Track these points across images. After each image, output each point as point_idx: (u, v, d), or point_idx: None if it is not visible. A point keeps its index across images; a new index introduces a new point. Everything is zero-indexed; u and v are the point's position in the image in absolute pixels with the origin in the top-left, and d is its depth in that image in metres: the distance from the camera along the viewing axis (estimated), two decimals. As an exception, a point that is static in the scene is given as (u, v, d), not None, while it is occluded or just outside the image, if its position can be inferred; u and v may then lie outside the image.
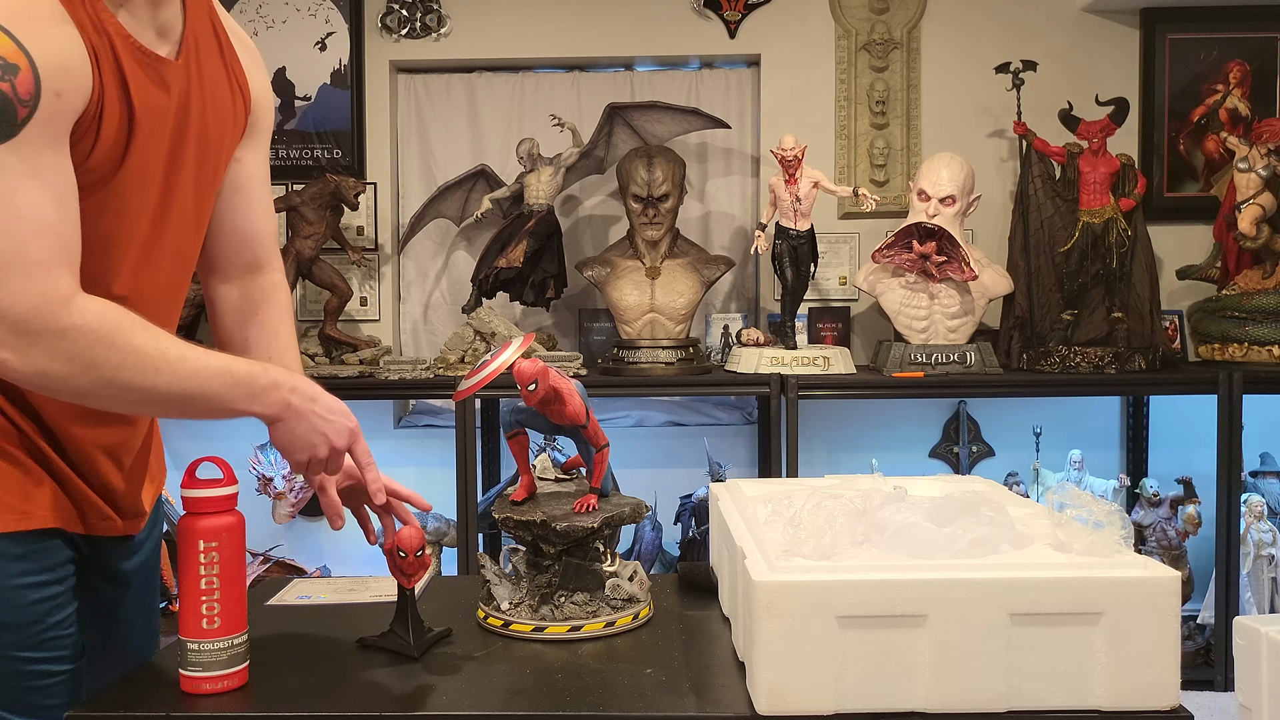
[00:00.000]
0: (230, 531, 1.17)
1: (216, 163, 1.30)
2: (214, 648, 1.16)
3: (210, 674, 1.16)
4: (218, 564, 1.16)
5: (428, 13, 3.49)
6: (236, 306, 1.41)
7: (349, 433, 1.24)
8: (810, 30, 3.48)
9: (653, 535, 3.23)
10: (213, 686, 1.16)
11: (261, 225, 1.41)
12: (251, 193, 1.39)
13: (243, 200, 1.38)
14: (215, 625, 1.16)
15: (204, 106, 1.23)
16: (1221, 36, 3.41)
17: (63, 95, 1.03)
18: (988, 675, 1.09)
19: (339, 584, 1.63)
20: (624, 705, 1.13)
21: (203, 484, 1.17)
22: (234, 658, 1.18)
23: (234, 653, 1.17)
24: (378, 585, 1.58)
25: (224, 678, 1.17)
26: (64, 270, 1.04)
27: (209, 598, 1.15)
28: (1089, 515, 1.21)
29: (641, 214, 3.19)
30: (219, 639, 1.16)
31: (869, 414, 3.49)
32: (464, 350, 3.15)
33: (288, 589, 1.59)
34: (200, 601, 1.15)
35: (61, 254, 1.04)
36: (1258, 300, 3.10)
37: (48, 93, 1.02)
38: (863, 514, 1.24)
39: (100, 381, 1.06)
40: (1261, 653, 1.61)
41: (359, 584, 1.61)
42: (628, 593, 1.38)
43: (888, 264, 3.11)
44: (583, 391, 1.39)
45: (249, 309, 1.41)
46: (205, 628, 1.15)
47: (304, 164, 3.51)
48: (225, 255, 1.40)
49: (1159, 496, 3.15)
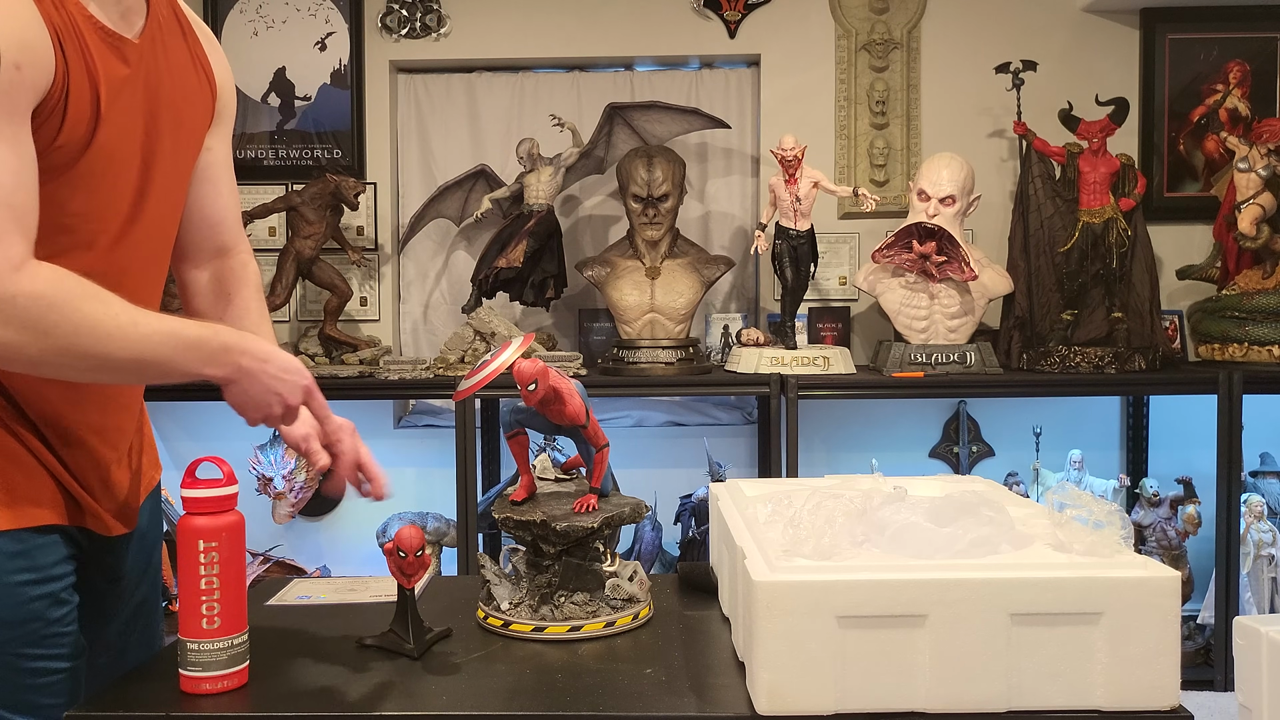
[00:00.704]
0: (230, 531, 1.17)
1: (190, 145, 1.33)
2: (214, 648, 1.16)
3: (210, 674, 1.16)
4: (218, 564, 1.16)
5: (428, 13, 3.49)
6: (209, 289, 1.46)
7: (302, 390, 1.24)
8: (810, 30, 3.48)
9: (653, 535, 3.23)
10: (212, 686, 1.16)
11: (228, 211, 1.46)
12: (219, 180, 1.43)
13: (210, 188, 1.42)
14: (215, 625, 1.16)
15: (173, 88, 1.26)
16: (1221, 36, 3.41)
17: (22, 69, 1.04)
18: (988, 675, 1.09)
19: (339, 584, 1.63)
20: (624, 705, 1.13)
21: (203, 484, 1.17)
22: (234, 658, 1.17)
23: (234, 653, 1.17)
24: (378, 585, 1.58)
25: (224, 678, 1.17)
26: (17, 238, 1.05)
27: (209, 598, 1.15)
28: (1089, 515, 1.21)
29: (641, 214, 3.19)
30: (219, 639, 1.16)
31: (869, 414, 3.49)
32: (464, 350, 3.15)
33: (288, 589, 1.59)
34: (200, 601, 1.15)
35: (14, 222, 1.05)
36: (1258, 300, 3.10)
37: (7, 65, 1.03)
38: (863, 514, 1.24)
39: (53, 350, 1.07)
40: (1261, 653, 1.61)
41: (359, 584, 1.61)
42: (628, 593, 1.38)
43: (888, 264, 3.11)
44: (583, 391, 1.39)
45: (221, 291, 1.45)
46: (205, 628, 1.15)
47: (304, 164, 3.51)
48: (195, 241, 1.44)
49: (1159, 496, 3.15)
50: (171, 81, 1.26)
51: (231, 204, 1.46)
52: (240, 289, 1.46)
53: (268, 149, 3.52)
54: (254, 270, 1.49)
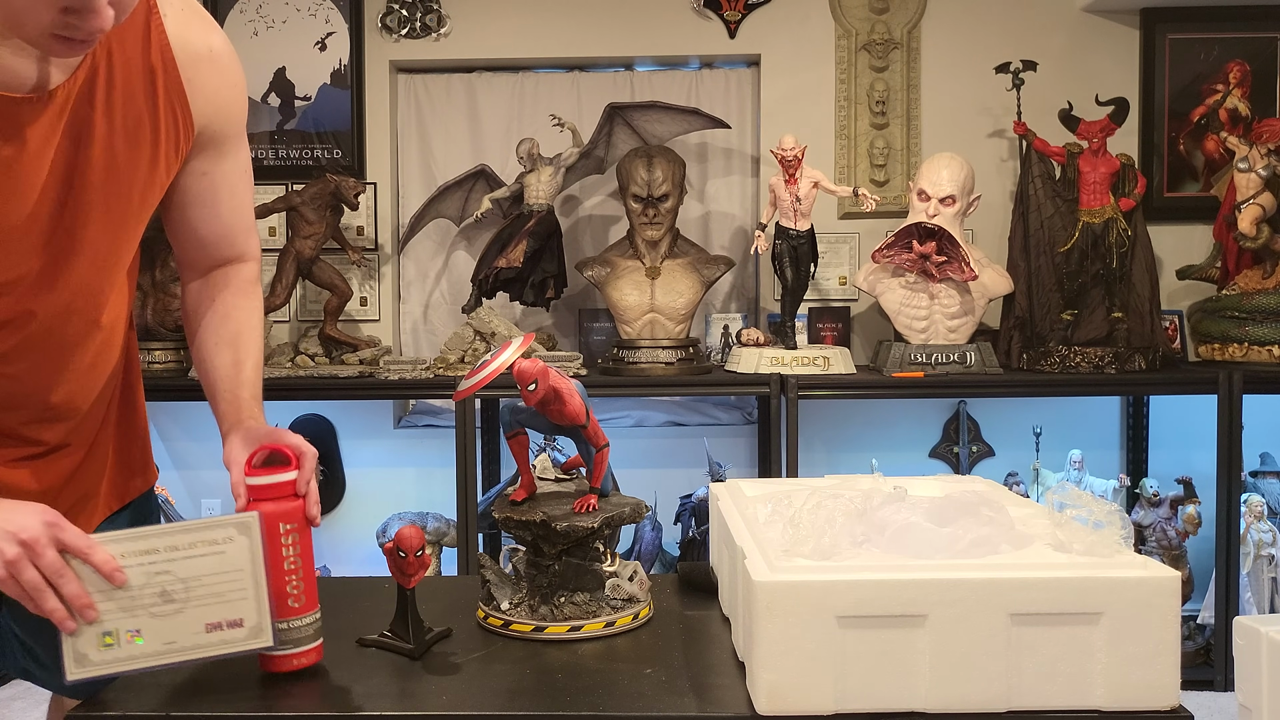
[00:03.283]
0: (302, 513, 1.21)
1: (149, 186, 1.25)
2: (301, 624, 1.20)
3: (299, 649, 1.20)
4: (297, 544, 1.19)
5: (428, 13, 3.49)
6: (196, 293, 1.43)
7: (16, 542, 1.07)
8: (810, 30, 3.48)
9: (653, 535, 3.23)
10: (300, 662, 1.20)
11: (229, 226, 1.40)
12: (217, 202, 1.37)
13: (205, 211, 1.37)
14: (301, 603, 1.20)
15: (110, 134, 1.18)
16: (1221, 36, 3.41)
17: None
18: (988, 675, 1.09)
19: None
20: (624, 705, 1.13)
21: (270, 470, 1.20)
22: (317, 631, 1.22)
23: (316, 627, 1.22)
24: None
25: (311, 652, 1.21)
26: None
27: (294, 577, 1.19)
28: (1089, 515, 1.21)
29: (641, 214, 3.19)
30: (305, 615, 1.20)
31: (869, 414, 3.50)
32: (464, 350, 3.16)
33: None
34: (286, 581, 1.19)
35: None
36: (1258, 300, 3.10)
37: None
38: (863, 514, 1.24)
39: None
40: (1261, 653, 1.61)
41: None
42: (628, 593, 1.38)
43: (888, 264, 3.11)
44: (583, 391, 1.39)
45: (207, 294, 1.42)
46: (292, 606, 1.19)
47: (304, 164, 3.51)
48: (192, 258, 1.42)
49: (1159, 496, 3.15)
50: (110, 125, 1.18)
51: (235, 219, 1.40)
52: (223, 294, 1.41)
53: (268, 149, 3.52)
54: (249, 276, 1.44)
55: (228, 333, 1.38)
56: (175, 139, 1.26)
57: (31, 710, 2.94)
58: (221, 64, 1.30)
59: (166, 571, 1.12)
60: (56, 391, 1.27)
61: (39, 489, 1.28)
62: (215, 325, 1.38)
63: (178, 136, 1.27)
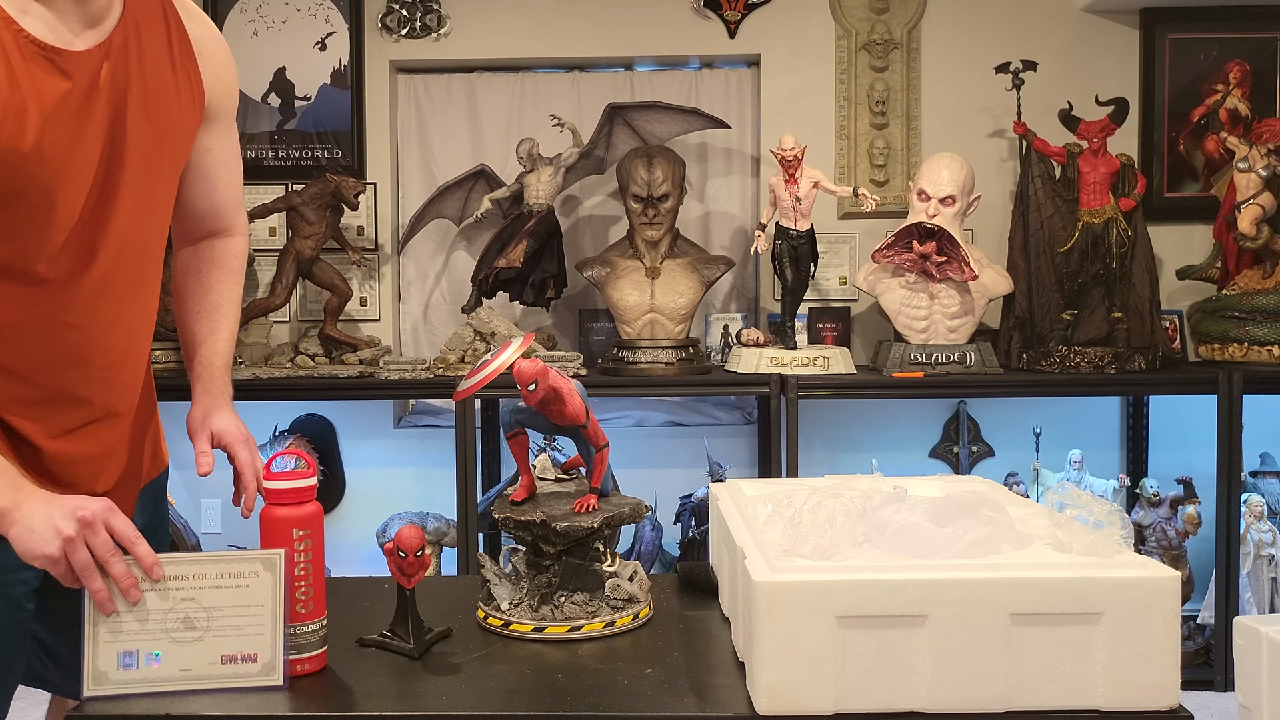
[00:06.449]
0: (316, 519, 1.23)
1: (170, 145, 1.34)
2: (309, 629, 1.21)
3: (305, 655, 1.21)
4: (310, 550, 1.21)
5: (428, 13, 3.49)
6: (185, 261, 1.52)
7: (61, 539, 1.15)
8: (810, 30, 3.48)
9: (653, 535, 3.23)
10: (304, 668, 1.21)
11: (224, 200, 1.50)
12: (215, 176, 1.47)
13: (205, 185, 1.46)
14: (310, 609, 1.21)
15: (144, 92, 1.26)
16: (1221, 36, 3.41)
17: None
18: (988, 675, 1.09)
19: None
20: (624, 705, 1.13)
21: (287, 475, 1.21)
22: (323, 638, 1.23)
23: (322, 633, 1.23)
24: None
25: (315, 658, 1.22)
26: None
27: (304, 583, 1.21)
28: (1089, 515, 1.21)
29: (641, 214, 3.19)
30: (313, 621, 1.22)
31: (869, 414, 3.50)
32: (464, 350, 3.16)
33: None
34: (296, 587, 1.20)
35: None
36: (1258, 300, 3.10)
37: None
38: (863, 514, 1.24)
39: None
40: (1261, 653, 1.62)
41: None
42: (628, 593, 1.38)
43: (888, 264, 3.11)
44: (583, 391, 1.39)
45: (194, 264, 1.51)
46: (301, 611, 1.21)
47: (304, 164, 3.51)
48: (185, 229, 1.50)
49: (1159, 496, 3.15)
50: (143, 88, 1.26)
51: (228, 193, 1.50)
52: (211, 270, 1.50)
53: (268, 149, 3.52)
54: (236, 253, 1.53)
55: (209, 304, 1.49)
56: (193, 105, 1.36)
57: (31, 710, 2.93)
58: (223, 45, 1.43)
59: (192, 599, 1.15)
60: (114, 346, 1.33)
61: (92, 454, 1.33)
62: (200, 295, 1.49)
63: (194, 103, 1.36)
